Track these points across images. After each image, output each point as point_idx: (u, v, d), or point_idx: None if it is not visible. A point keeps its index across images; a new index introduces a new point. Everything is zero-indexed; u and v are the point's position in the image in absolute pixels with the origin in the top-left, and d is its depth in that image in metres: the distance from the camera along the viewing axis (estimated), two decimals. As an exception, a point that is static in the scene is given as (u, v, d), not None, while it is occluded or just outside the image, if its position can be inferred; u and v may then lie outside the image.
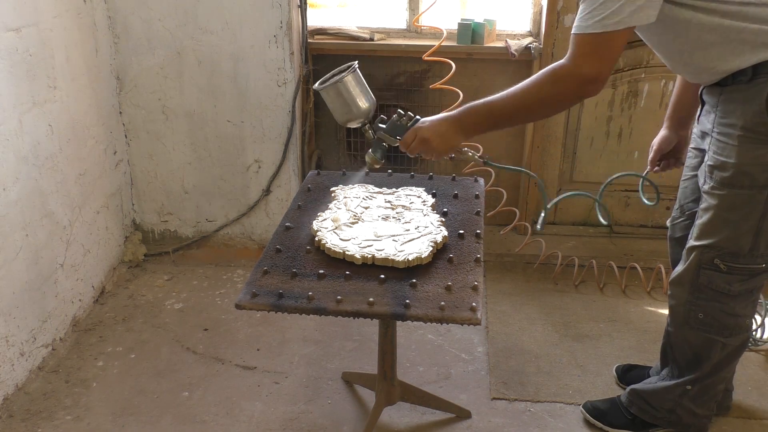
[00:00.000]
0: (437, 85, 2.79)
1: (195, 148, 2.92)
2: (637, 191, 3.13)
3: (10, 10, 2.08)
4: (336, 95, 1.71)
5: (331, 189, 2.02)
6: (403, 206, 1.88)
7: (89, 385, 2.24)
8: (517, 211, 2.98)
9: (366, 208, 1.88)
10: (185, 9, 2.69)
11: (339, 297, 1.52)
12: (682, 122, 2.01)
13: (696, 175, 1.83)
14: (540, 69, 2.83)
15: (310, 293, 1.53)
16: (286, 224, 1.83)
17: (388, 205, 1.90)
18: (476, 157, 1.77)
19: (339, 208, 1.85)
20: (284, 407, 2.13)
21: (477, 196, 2.05)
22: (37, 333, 2.27)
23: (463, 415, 2.08)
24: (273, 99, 2.81)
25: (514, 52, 2.82)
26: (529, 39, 2.94)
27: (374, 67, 3.02)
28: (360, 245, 1.67)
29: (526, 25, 3.05)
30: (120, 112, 2.86)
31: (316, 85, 1.74)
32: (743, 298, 1.73)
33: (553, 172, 3.10)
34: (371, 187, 2.02)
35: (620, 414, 2.01)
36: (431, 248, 1.66)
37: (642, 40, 1.75)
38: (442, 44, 2.77)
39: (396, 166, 3.18)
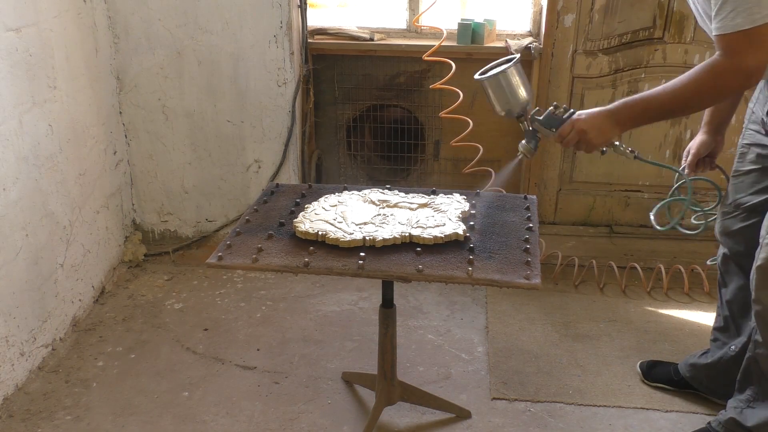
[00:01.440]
0: (437, 85, 2.78)
1: (195, 148, 2.92)
2: (638, 192, 3.16)
3: (10, 10, 2.08)
4: (497, 86, 1.74)
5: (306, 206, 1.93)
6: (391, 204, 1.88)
7: (89, 385, 2.24)
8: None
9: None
10: (185, 9, 2.69)
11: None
12: (719, 128, 2.03)
13: (752, 170, 1.84)
14: (540, 69, 2.89)
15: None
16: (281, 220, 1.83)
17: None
18: (627, 151, 1.79)
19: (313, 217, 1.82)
20: (284, 407, 2.13)
21: (477, 194, 2.06)
22: (37, 333, 2.27)
23: (463, 415, 2.08)
24: (273, 99, 2.81)
25: (514, 52, 2.82)
26: (529, 39, 2.94)
27: (374, 67, 3.02)
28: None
29: (526, 25, 3.05)
30: (120, 112, 2.86)
31: (477, 75, 1.77)
32: None
33: (553, 172, 3.10)
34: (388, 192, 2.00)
35: None
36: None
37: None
38: (442, 44, 2.77)
39: (393, 178, 3.19)
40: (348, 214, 1.79)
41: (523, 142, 1.79)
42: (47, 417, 2.08)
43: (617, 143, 1.75)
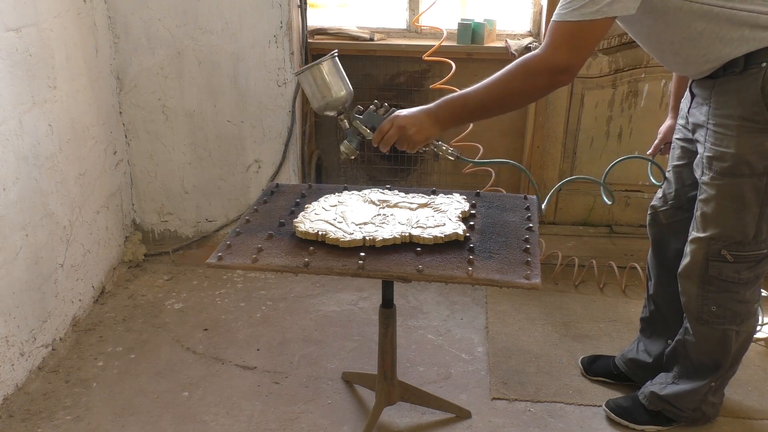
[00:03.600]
0: (437, 85, 2.78)
1: (195, 148, 2.92)
2: (638, 192, 3.16)
3: (10, 10, 2.08)
4: (312, 81, 1.70)
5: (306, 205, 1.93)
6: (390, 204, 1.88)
7: (89, 385, 2.24)
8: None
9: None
10: (185, 9, 2.69)
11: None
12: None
13: (680, 165, 1.89)
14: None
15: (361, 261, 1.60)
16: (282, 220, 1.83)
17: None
18: (449, 151, 1.78)
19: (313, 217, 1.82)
20: (284, 407, 2.13)
21: (477, 194, 2.07)
22: (37, 333, 2.27)
23: (463, 415, 2.08)
24: (273, 99, 2.81)
25: (514, 52, 2.82)
26: (529, 39, 2.94)
27: (374, 67, 3.02)
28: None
29: (526, 25, 3.05)
30: (120, 112, 2.86)
31: (295, 71, 1.76)
32: (751, 284, 1.77)
33: (553, 172, 3.10)
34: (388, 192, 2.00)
35: (643, 410, 2.04)
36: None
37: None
38: (442, 44, 2.77)
39: (392, 178, 3.19)
40: (348, 214, 1.79)
41: (345, 141, 1.76)
42: (47, 417, 2.08)
43: (438, 142, 1.75)
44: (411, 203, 1.87)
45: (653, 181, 2.16)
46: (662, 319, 2.10)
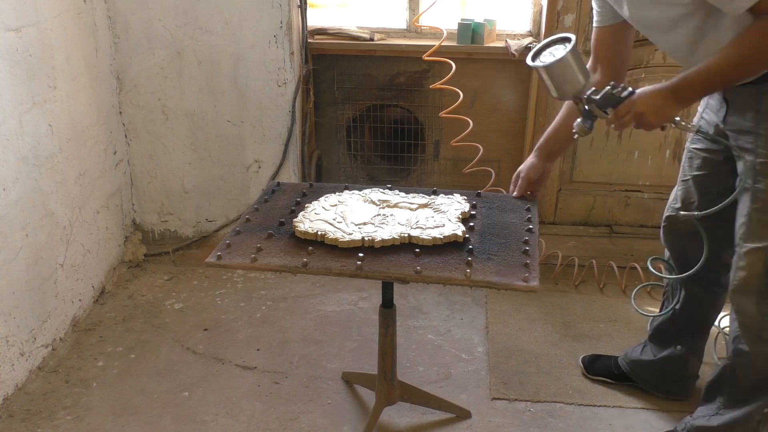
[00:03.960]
0: (437, 85, 2.79)
1: (195, 148, 2.92)
2: (638, 192, 3.16)
3: (10, 10, 2.08)
4: (553, 73, 1.64)
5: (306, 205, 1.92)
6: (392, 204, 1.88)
7: (89, 385, 2.24)
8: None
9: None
10: (185, 9, 2.69)
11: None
12: (552, 155, 2.01)
13: (701, 174, 1.83)
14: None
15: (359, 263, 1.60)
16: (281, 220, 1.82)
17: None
18: (689, 126, 1.68)
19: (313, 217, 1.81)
20: (284, 407, 2.13)
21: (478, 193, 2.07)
22: (37, 333, 2.27)
23: (463, 415, 2.08)
24: (273, 99, 2.81)
25: (514, 52, 2.82)
26: (529, 39, 2.94)
27: (374, 67, 3.02)
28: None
29: (526, 25, 3.05)
30: (120, 112, 2.86)
31: (530, 60, 1.68)
32: None
33: (553, 172, 3.07)
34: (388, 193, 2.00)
35: None
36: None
37: (644, 41, 1.74)
38: (442, 44, 2.77)
39: (393, 178, 3.19)
40: (348, 214, 1.79)
41: (579, 120, 1.69)
42: (47, 417, 2.08)
43: (677, 119, 1.65)
44: (411, 203, 1.87)
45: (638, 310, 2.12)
46: (676, 328, 2.06)
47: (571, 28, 2.85)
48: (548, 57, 1.65)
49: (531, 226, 1.80)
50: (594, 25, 1.88)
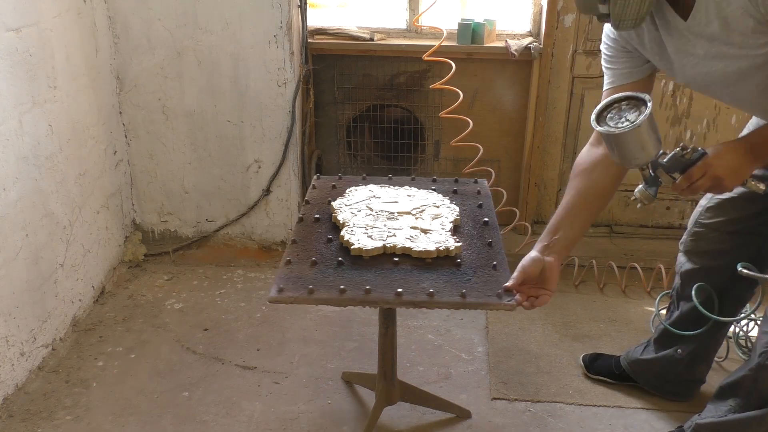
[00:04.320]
0: (437, 85, 2.79)
1: (195, 148, 2.92)
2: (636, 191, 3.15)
3: (10, 10, 2.08)
4: (627, 141, 1.42)
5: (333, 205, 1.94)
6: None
7: (89, 385, 2.24)
8: (517, 211, 2.98)
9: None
10: (185, 9, 2.69)
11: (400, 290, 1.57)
12: (560, 249, 1.65)
13: (733, 195, 1.76)
14: (540, 69, 2.88)
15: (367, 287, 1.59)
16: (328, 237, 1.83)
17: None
18: (759, 186, 1.49)
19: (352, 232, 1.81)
20: (284, 407, 2.13)
21: (479, 192, 2.08)
22: (37, 333, 2.27)
23: (463, 415, 2.08)
24: (273, 99, 2.81)
25: (514, 52, 2.82)
26: (529, 39, 2.94)
27: (374, 67, 3.02)
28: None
29: (526, 25, 3.05)
30: (120, 112, 2.86)
31: (595, 123, 1.45)
32: None
33: (553, 172, 3.11)
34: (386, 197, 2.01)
35: None
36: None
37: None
38: (442, 44, 2.77)
39: (399, 165, 3.19)
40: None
41: (641, 186, 1.50)
42: (47, 417, 2.08)
43: (752, 181, 1.48)
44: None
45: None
46: (683, 330, 2.03)
47: (571, 28, 2.85)
48: (619, 120, 1.44)
49: (486, 219, 1.88)
50: (609, 86, 1.64)
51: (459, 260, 1.68)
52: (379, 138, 3.17)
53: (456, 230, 1.83)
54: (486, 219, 1.89)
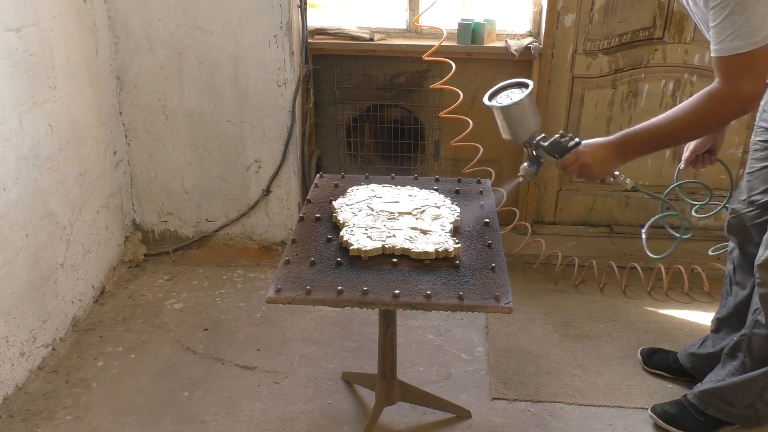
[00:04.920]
0: (437, 85, 2.79)
1: (195, 148, 2.92)
2: (638, 192, 3.14)
3: (10, 10, 2.08)
4: (507, 115, 1.73)
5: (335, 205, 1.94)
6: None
7: (89, 385, 2.24)
8: (517, 211, 2.98)
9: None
10: (185, 9, 2.69)
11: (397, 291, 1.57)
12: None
13: (765, 167, 1.85)
14: (540, 69, 2.88)
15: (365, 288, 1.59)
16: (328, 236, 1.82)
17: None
18: (626, 181, 1.78)
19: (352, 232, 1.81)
20: (284, 407, 2.13)
21: (481, 192, 2.08)
22: (37, 333, 2.27)
23: (463, 415, 2.08)
24: (273, 99, 2.81)
25: (514, 52, 2.82)
26: (529, 39, 2.94)
27: (374, 67, 3.02)
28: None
29: (526, 25, 3.05)
30: (120, 112, 2.86)
31: (486, 99, 1.76)
32: None
33: (553, 172, 3.10)
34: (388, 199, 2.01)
35: (691, 416, 2.00)
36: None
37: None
38: (442, 44, 2.77)
39: (399, 165, 3.19)
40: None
41: (525, 165, 1.78)
42: (47, 417, 2.08)
43: (617, 173, 1.76)
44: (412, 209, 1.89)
45: (670, 231, 2.18)
46: (738, 317, 2.06)
47: (571, 28, 2.86)
48: (505, 99, 1.73)
49: (488, 220, 1.87)
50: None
51: (458, 262, 1.68)
52: (379, 138, 3.17)
53: (456, 231, 1.83)
54: (487, 220, 1.89)
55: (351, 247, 1.69)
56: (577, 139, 1.72)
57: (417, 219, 1.84)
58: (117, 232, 2.91)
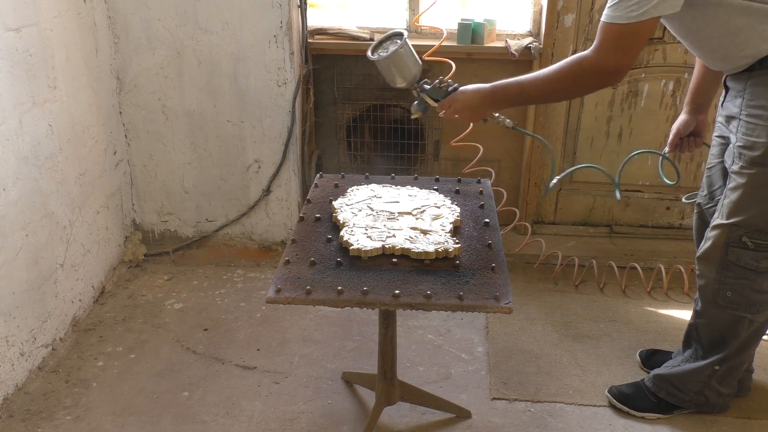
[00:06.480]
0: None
1: (195, 148, 2.92)
2: (638, 192, 3.16)
3: (10, 10, 2.08)
4: (389, 65, 1.89)
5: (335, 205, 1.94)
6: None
7: (89, 385, 2.24)
8: (517, 211, 2.98)
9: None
10: (185, 9, 2.69)
11: (397, 291, 1.57)
12: (700, 107, 2.10)
13: (722, 161, 1.89)
14: (540, 69, 2.87)
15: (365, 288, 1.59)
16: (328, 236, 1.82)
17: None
18: (506, 122, 1.93)
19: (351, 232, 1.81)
20: (284, 407, 2.13)
21: (481, 192, 2.08)
22: (37, 333, 2.27)
23: (463, 415, 2.08)
24: (273, 99, 2.81)
25: (514, 52, 2.82)
26: (529, 39, 2.94)
27: (374, 67, 3.00)
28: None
29: (526, 25, 3.05)
30: (120, 112, 2.86)
31: (369, 54, 1.92)
32: None
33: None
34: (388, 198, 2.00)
35: (645, 397, 2.07)
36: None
37: (648, 40, 1.78)
38: (442, 44, 2.77)
39: (399, 165, 3.19)
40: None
41: (414, 105, 1.96)
42: (47, 417, 2.08)
43: (496, 115, 1.93)
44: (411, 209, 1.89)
45: (665, 179, 2.21)
46: None
47: (571, 28, 2.86)
48: (384, 52, 1.90)
49: (488, 220, 1.89)
50: None
51: (458, 262, 1.68)
52: (379, 138, 3.17)
53: (456, 231, 1.83)
54: (487, 220, 1.89)
55: (351, 247, 1.69)
56: (456, 85, 1.88)
57: (417, 219, 1.84)
58: (117, 232, 2.91)
